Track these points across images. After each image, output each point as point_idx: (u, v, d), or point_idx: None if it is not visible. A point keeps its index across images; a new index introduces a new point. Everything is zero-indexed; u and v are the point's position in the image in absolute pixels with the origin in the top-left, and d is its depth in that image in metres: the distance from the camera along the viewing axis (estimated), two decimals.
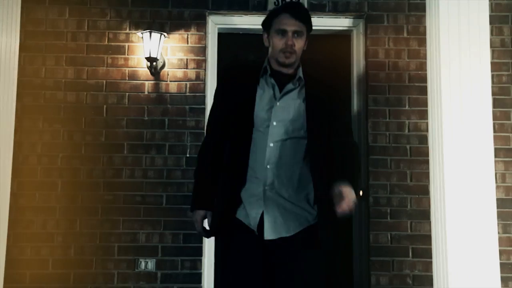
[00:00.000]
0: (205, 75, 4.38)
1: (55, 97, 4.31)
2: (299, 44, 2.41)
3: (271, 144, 2.31)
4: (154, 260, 4.17)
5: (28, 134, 4.24)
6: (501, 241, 4.02)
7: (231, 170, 2.42)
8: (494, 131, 4.16)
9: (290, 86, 2.40)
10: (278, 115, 2.34)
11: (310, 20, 2.47)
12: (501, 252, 4.02)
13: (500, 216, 4.06)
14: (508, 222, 4.18)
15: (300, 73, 2.45)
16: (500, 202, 4.13)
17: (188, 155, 4.28)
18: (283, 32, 2.39)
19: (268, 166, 2.32)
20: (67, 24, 4.40)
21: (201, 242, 4.17)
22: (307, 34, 2.46)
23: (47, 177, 4.22)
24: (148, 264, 4.17)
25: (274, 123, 2.32)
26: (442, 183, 2.64)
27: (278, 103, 2.35)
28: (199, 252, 4.20)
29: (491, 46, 4.17)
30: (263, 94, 2.38)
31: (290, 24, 2.38)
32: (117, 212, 4.21)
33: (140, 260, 4.17)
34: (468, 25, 2.72)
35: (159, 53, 4.24)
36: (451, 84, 2.67)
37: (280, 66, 2.43)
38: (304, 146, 2.37)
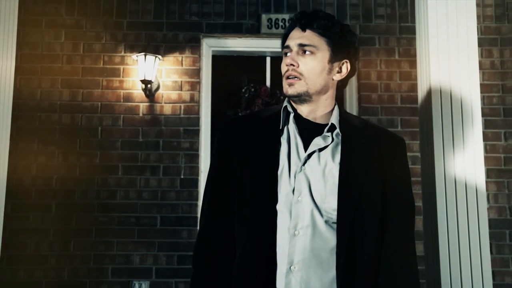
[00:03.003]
0: (199, 97, 4.41)
1: (50, 119, 4.34)
2: (307, 64, 1.64)
3: (296, 232, 1.55)
4: (148, 282, 4.15)
5: (23, 156, 4.25)
6: (494, 262, 4.03)
7: (247, 278, 1.60)
8: (486, 152, 4.21)
9: (318, 140, 1.62)
10: (303, 186, 1.58)
11: (334, 28, 1.68)
12: (495, 273, 4.05)
13: (493, 236, 4.09)
14: (502, 243, 4.18)
15: (334, 118, 1.67)
16: (493, 223, 4.16)
17: (182, 177, 4.29)
18: (287, 50, 1.69)
19: (291, 268, 1.54)
20: (63, 47, 4.44)
21: None
22: (331, 53, 1.67)
23: (41, 199, 4.22)
24: (142, 286, 4.14)
25: (299, 198, 1.57)
26: (434, 204, 2.65)
27: (303, 168, 1.60)
28: None
29: (481, 68, 4.26)
30: (288, 153, 1.64)
31: (294, 37, 1.67)
32: (111, 234, 4.20)
33: (134, 282, 4.15)
34: (458, 47, 2.75)
35: (153, 76, 4.28)
36: (441, 105, 2.69)
37: (297, 108, 1.70)
38: None
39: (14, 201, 4.14)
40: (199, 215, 1.87)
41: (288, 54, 1.68)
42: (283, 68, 1.69)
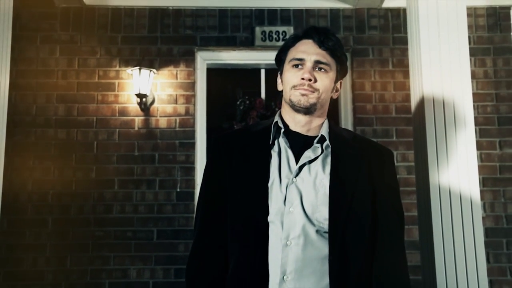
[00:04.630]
0: (194, 110, 4.42)
1: (46, 134, 4.34)
2: (323, 81, 1.69)
3: (289, 242, 1.58)
4: None
5: (18, 172, 4.24)
6: (492, 271, 4.04)
7: None
8: (481, 161, 4.23)
9: (308, 153, 1.67)
10: (295, 197, 1.61)
11: (342, 53, 1.77)
12: (492, 282, 4.05)
13: (490, 245, 4.10)
14: (499, 252, 4.18)
15: (324, 130, 1.73)
16: (490, 232, 4.17)
17: (178, 190, 4.29)
18: (299, 62, 1.71)
19: (284, 278, 1.56)
20: (58, 62, 4.46)
21: None
22: (337, 74, 1.76)
23: (38, 214, 4.21)
24: None
25: (291, 209, 1.60)
26: (429, 214, 2.66)
27: (294, 180, 1.63)
28: None
29: (475, 78, 4.29)
30: (278, 165, 1.67)
31: (310, 52, 1.70)
32: (108, 248, 4.19)
33: None
34: (449, 57, 2.78)
35: (148, 89, 4.30)
36: (435, 115, 2.71)
37: (295, 117, 1.74)
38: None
39: (10, 217, 4.12)
40: None
41: (300, 66, 1.72)
42: (296, 79, 1.71)
